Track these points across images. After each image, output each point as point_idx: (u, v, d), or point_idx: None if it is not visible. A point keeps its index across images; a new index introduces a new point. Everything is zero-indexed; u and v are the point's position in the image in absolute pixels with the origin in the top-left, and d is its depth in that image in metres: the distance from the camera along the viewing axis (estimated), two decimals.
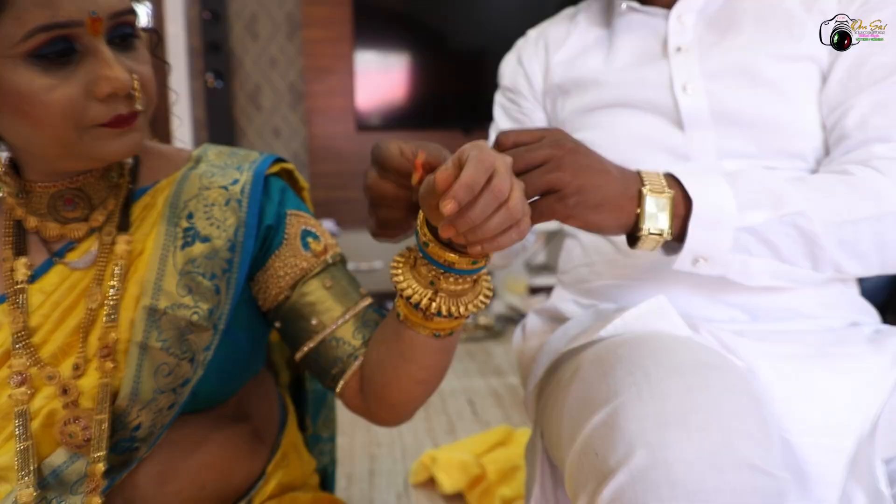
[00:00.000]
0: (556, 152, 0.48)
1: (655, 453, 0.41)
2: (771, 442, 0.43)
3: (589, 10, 0.77)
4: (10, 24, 0.46)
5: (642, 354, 0.47)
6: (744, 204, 0.52)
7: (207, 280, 0.57)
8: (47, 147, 0.51)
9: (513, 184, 0.40)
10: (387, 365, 0.56)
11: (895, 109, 0.58)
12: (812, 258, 0.54)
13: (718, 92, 0.63)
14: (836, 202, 0.53)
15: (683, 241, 0.52)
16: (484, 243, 0.41)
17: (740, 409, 0.43)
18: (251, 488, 0.65)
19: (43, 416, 0.54)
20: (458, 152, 0.40)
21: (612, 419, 0.44)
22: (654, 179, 0.52)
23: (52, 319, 0.55)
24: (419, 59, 3.39)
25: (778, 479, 0.41)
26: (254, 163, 0.63)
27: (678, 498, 0.39)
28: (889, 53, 0.59)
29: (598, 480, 0.44)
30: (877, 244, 0.54)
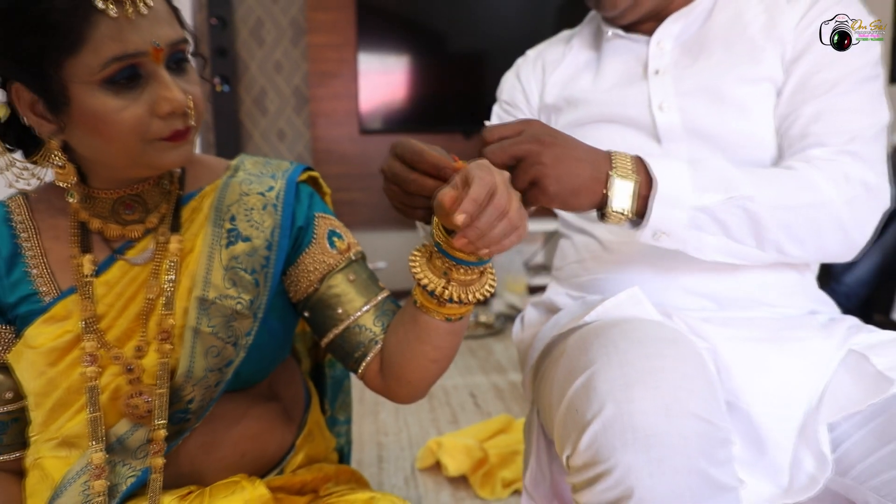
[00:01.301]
0: (534, 147, 0.57)
1: (621, 406, 0.50)
2: (714, 399, 0.52)
3: (582, 35, 0.86)
4: (88, 56, 0.55)
5: (614, 333, 0.57)
6: (699, 187, 0.61)
7: (248, 274, 0.66)
8: (116, 158, 0.60)
9: (511, 197, 0.49)
10: (405, 347, 0.64)
11: (832, 119, 0.66)
12: (757, 237, 0.62)
13: (690, 110, 0.72)
14: (780, 190, 0.62)
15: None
16: (491, 247, 0.50)
17: (688, 373, 0.52)
18: (282, 459, 0.74)
19: (110, 391, 0.62)
20: (462, 172, 0.49)
21: (588, 382, 0.54)
22: (623, 163, 0.60)
23: (116, 308, 0.64)
24: (421, 63, 3.47)
25: (719, 427, 0.50)
26: (286, 172, 0.72)
27: (638, 441, 0.49)
28: (831, 71, 0.68)
29: (578, 431, 0.53)
30: (813, 229, 0.63)
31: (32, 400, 0.64)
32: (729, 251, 0.63)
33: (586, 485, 0.51)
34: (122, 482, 0.63)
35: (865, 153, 0.65)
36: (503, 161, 0.56)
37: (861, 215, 0.64)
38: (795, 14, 0.72)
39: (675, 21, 0.76)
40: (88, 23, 0.53)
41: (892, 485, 0.57)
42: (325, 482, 0.74)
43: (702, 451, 0.49)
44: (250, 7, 3.39)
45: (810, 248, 0.64)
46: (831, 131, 0.66)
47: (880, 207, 0.66)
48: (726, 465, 0.51)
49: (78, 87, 0.55)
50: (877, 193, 0.65)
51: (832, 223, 0.63)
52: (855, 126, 0.66)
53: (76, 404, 0.63)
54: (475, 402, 1.88)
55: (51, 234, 0.66)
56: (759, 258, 0.65)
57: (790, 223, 0.62)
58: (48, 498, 0.63)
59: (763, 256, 0.64)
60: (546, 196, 0.57)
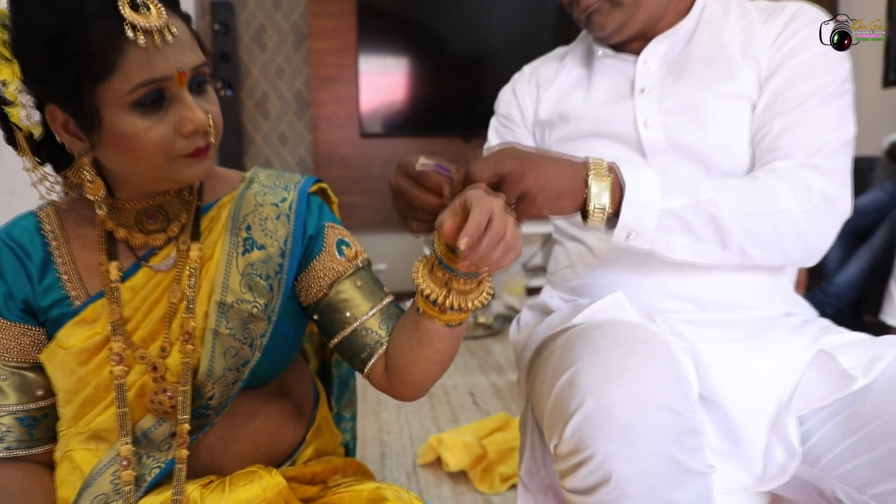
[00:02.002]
0: (517, 164, 0.62)
1: (600, 400, 0.56)
2: (683, 393, 0.57)
3: (574, 53, 0.91)
4: (119, 81, 0.60)
5: (595, 335, 0.62)
6: (667, 191, 0.66)
7: (263, 280, 0.71)
8: (143, 173, 0.64)
9: (507, 221, 0.54)
10: (407, 349, 0.69)
11: (798, 133, 0.71)
12: (721, 240, 0.67)
13: (673, 126, 0.77)
14: (742, 197, 0.67)
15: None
16: (490, 267, 0.55)
17: (659, 369, 0.57)
18: (294, 452, 0.79)
19: (136, 388, 0.67)
20: (461, 199, 0.54)
21: (572, 378, 0.59)
22: (598, 166, 0.65)
23: (142, 311, 0.69)
24: (420, 68, 3.52)
25: (687, 418, 0.56)
26: (297, 184, 0.77)
27: (615, 430, 0.54)
28: (801, 88, 0.73)
29: (563, 422, 0.58)
30: (774, 235, 0.68)
31: (63, 397, 0.69)
32: (696, 252, 0.68)
33: (571, 471, 0.57)
34: (148, 473, 0.68)
35: (827, 166, 0.70)
36: (488, 177, 0.61)
37: (820, 224, 0.69)
38: (770, 34, 0.77)
39: (661, 42, 0.82)
40: (120, 51, 0.58)
41: (854, 473, 0.62)
42: (333, 474, 0.79)
43: (671, 439, 0.54)
44: (252, 13, 3.44)
45: (772, 253, 0.69)
46: (797, 145, 0.71)
47: (839, 217, 0.71)
48: (696, 452, 0.56)
49: (109, 109, 0.60)
50: (836, 204, 0.70)
51: (792, 231, 0.68)
52: (820, 140, 0.71)
53: (105, 400, 0.68)
54: (474, 401, 1.93)
55: (79, 242, 0.71)
56: (725, 259, 0.69)
57: (751, 228, 0.67)
58: (78, 488, 0.68)
59: (728, 258, 0.69)
60: (535, 205, 0.62)
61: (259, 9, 3.45)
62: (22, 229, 0.71)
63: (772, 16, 0.79)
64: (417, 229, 0.63)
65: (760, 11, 0.81)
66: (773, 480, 0.66)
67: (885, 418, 0.61)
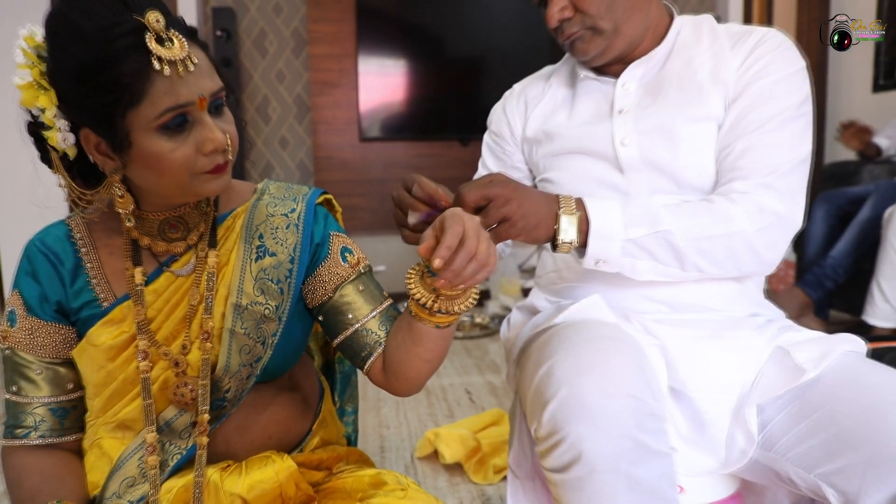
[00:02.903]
0: (504, 191, 0.70)
1: (573, 389, 0.63)
2: (645, 383, 0.64)
3: (560, 73, 0.98)
4: (147, 108, 0.66)
5: (572, 332, 0.70)
6: (628, 222, 0.73)
7: (274, 284, 0.78)
8: (168, 189, 0.71)
9: (479, 239, 0.61)
10: (402, 349, 0.76)
11: (756, 154, 0.78)
12: (679, 262, 0.75)
13: (647, 145, 0.84)
14: (698, 223, 0.74)
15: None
16: (465, 283, 0.62)
17: (624, 362, 0.64)
18: (302, 441, 0.86)
19: (160, 382, 0.74)
20: (440, 219, 0.61)
21: (549, 370, 0.66)
22: (568, 203, 0.73)
23: (164, 312, 0.76)
24: (419, 73, 3.59)
25: (648, 404, 0.63)
26: (305, 196, 0.84)
27: (586, 415, 0.61)
28: (762, 112, 0.80)
29: (541, 408, 0.65)
30: (728, 254, 0.75)
31: (92, 390, 0.76)
32: (658, 272, 0.76)
33: (548, 451, 0.64)
34: (170, 458, 0.75)
35: (781, 185, 0.77)
36: (476, 199, 0.69)
37: (772, 240, 0.77)
38: (737, 60, 0.84)
39: (638, 66, 0.89)
40: (148, 81, 0.65)
41: (803, 455, 0.69)
42: (337, 461, 0.86)
43: (634, 422, 0.61)
44: (253, 19, 3.51)
45: (727, 269, 0.77)
46: (755, 165, 0.78)
47: (790, 232, 0.78)
48: (657, 434, 0.63)
49: (138, 133, 0.67)
50: (787, 220, 0.77)
51: (745, 249, 0.76)
52: (776, 161, 0.78)
53: (131, 393, 0.75)
54: (470, 398, 2.00)
55: (106, 249, 0.78)
56: (685, 277, 0.78)
57: (706, 250, 0.75)
58: (107, 472, 0.75)
59: (688, 276, 0.77)
60: (515, 229, 0.70)
61: (260, 15, 3.52)
62: (54, 237, 0.78)
63: (739, 41, 0.86)
64: (409, 239, 0.70)
65: (730, 37, 0.87)
66: (734, 464, 0.74)
67: (829, 407, 0.68)
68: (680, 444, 0.75)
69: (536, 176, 0.97)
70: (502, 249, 0.96)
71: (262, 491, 0.73)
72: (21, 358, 0.76)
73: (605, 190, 0.86)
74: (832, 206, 2.46)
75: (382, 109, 3.59)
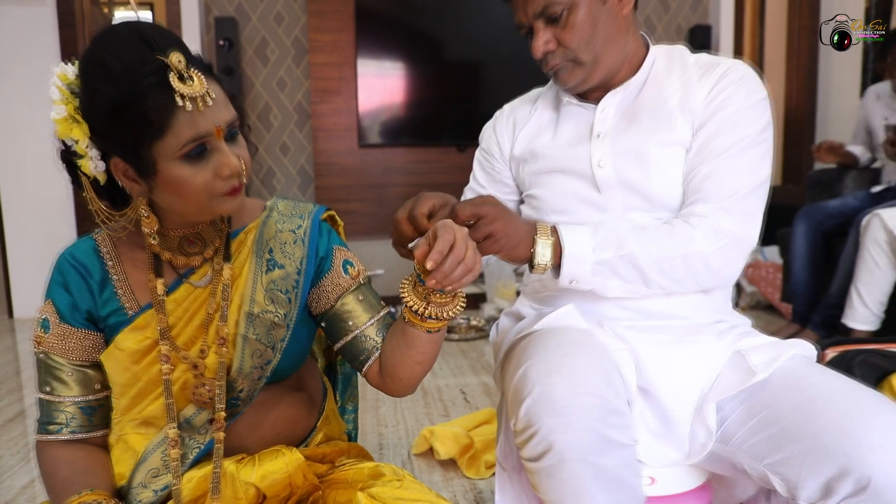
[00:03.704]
0: (492, 211, 0.79)
1: (544, 388, 0.71)
2: (608, 382, 0.73)
3: (546, 97, 1.07)
4: (171, 139, 0.74)
5: (545, 338, 0.78)
6: (597, 246, 0.82)
7: (283, 294, 0.86)
8: (189, 210, 0.79)
9: (467, 247, 0.70)
10: (396, 352, 0.84)
11: (718, 178, 0.86)
12: (643, 281, 0.84)
13: (622, 167, 0.92)
14: (660, 245, 0.83)
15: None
16: (453, 284, 0.71)
17: (591, 365, 0.73)
18: (307, 436, 0.94)
19: (180, 383, 0.83)
20: (433, 229, 0.70)
21: (525, 372, 0.75)
22: (544, 230, 0.82)
23: (184, 320, 0.84)
24: (417, 82, 3.68)
25: (611, 402, 0.71)
26: (311, 213, 0.92)
27: (555, 410, 0.70)
28: (725, 139, 0.87)
29: (518, 405, 0.74)
30: (688, 273, 0.84)
31: (118, 390, 0.84)
32: (626, 290, 0.85)
33: (524, 443, 0.72)
34: (190, 452, 0.83)
35: (738, 208, 0.85)
36: (467, 216, 0.78)
37: (728, 259, 0.85)
38: (704, 90, 0.92)
39: (616, 94, 0.97)
40: (172, 115, 0.73)
41: (754, 448, 0.78)
42: (339, 455, 0.94)
43: (597, 417, 0.70)
44: (255, 28, 3.59)
45: (688, 285, 0.86)
46: (716, 189, 0.86)
47: (746, 251, 0.86)
48: (619, 429, 0.72)
49: (163, 161, 0.75)
50: (742, 240, 0.85)
51: (703, 267, 0.84)
52: (735, 185, 0.86)
53: (154, 393, 0.83)
54: (465, 398, 2.09)
55: (131, 263, 0.86)
56: (650, 293, 0.86)
57: (667, 270, 0.83)
58: (132, 465, 0.83)
59: (652, 292, 0.86)
60: (497, 245, 0.79)
61: (262, 24, 3.60)
62: (83, 251, 0.86)
63: (707, 72, 0.94)
64: (403, 254, 0.79)
65: (699, 67, 0.96)
66: (696, 456, 0.82)
67: (776, 405, 0.77)
68: (648, 438, 0.84)
69: (523, 192, 1.06)
70: (487, 259, 1.04)
71: (273, 480, 0.81)
72: (53, 361, 0.83)
73: (583, 206, 0.94)
74: (812, 221, 2.55)
75: (381, 116, 3.67)
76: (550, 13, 0.91)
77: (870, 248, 2.09)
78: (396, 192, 3.77)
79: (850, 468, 0.67)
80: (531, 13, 0.93)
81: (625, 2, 0.94)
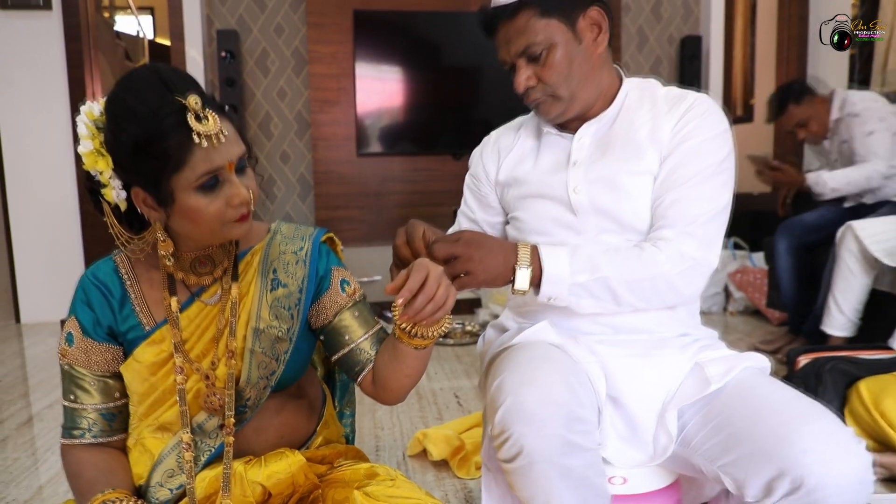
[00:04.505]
0: (467, 250, 0.87)
1: (516, 398, 0.80)
2: (573, 394, 0.81)
3: (528, 126, 1.15)
4: (187, 172, 0.82)
5: (519, 352, 0.87)
6: (574, 270, 0.90)
7: (286, 311, 0.95)
8: (202, 234, 0.87)
9: (439, 285, 0.78)
10: (388, 365, 0.93)
11: (682, 205, 0.94)
12: (615, 300, 0.92)
13: (595, 194, 1.00)
14: (630, 268, 0.91)
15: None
16: (424, 321, 0.79)
17: (557, 378, 0.81)
18: (308, 440, 1.03)
19: (193, 392, 0.91)
20: (408, 268, 0.78)
21: (500, 384, 0.84)
22: (524, 255, 0.90)
23: (196, 335, 0.93)
24: (414, 92, 3.76)
25: (574, 411, 0.80)
26: (311, 236, 1.00)
27: (525, 418, 0.78)
28: (689, 168, 0.95)
29: (494, 413, 0.83)
30: (654, 293, 0.92)
31: (136, 398, 0.92)
32: (599, 307, 0.93)
33: (500, 446, 0.81)
34: (202, 454, 0.91)
35: (699, 233, 0.93)
36: (445, 255, 0.86)
37: (690, 280, 0.93)
38: (671, 123, 1.00)
39: (591, 125, 1.05)
40: (189, 151, 0.81)
41: (709, 451, 0.87)
42: (338, 457, 1.03)
43: (562, 424, 0.78)
44: (256, 39, 3.68)
45: (654, 303, 0.94)
46: (680, 215, 0.94)
47: (706, 272, 0.95)
48: (583, 434, 0.81)
49: (180, 192, 0.83)
50: (702, 263, 0.93)
51: (668, 287, 0.92)
52: (696, 212, 0.94)
53: (169, 401, 0.91)
54: (458, 402, 2.17)
55: (147, 283, 0.94)
56: (621, 310, 0.95)
57: (636, 290, 0.92)
58: (150, 466, 0.92)
59: (623, 309, 0.94)
60: (476, 281, 0.87)
61: (262, 36, 3.68)
62: (104, 272, 0.95)
63: (674, 106, 1.02)
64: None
65: (667, 101, 1.04)
66: (659, 458, 0.91)
67: (727, 412, 0.86)
68: (617, 441, 0.93)
69: (508, 213, 1.14)
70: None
71: (278, 480, 0.90)
72: (77, 372, 0.92)
73: (561, 229, 1.03)
74: (792, 237, 2.64)
75: (379, 126, 3.76)
76: (531, 52, 1.00)
77: (844, 258, 2.18)
78: (394, 199, 3.86)
79: (787, 470, 0.76)
80: (513, 52, 1.01)
81: (599, 42, 1.02)
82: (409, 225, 0.93)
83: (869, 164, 2.38)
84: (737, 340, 2.90)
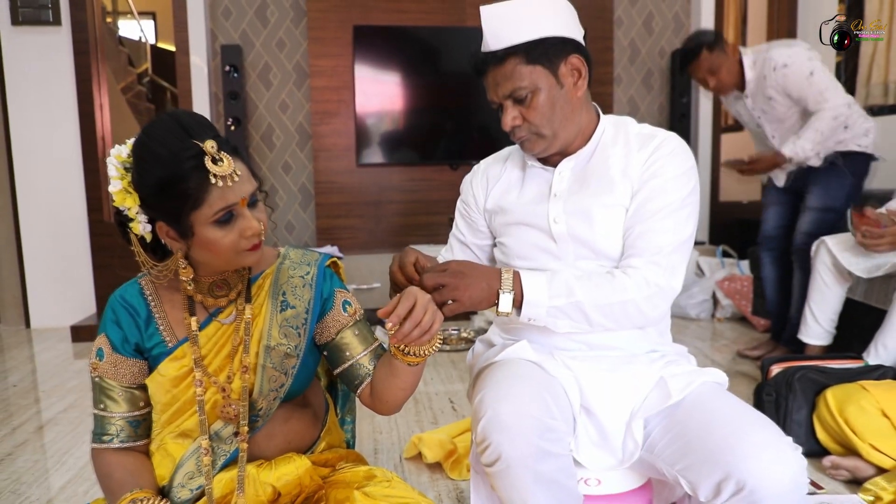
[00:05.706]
0: (453, 280, 0.97)
1: (495, 411, 0.90)
2: (546, 407, 0.92)
3: (514, 158, 1.25)
4: (205, 209, 0.92)
5: (499, 369, 0.98)
6: (552, 294, 1.00)
7: (294, 330, 1.05)
8: (218, 262, 0.98)
9: (426, 311, 0.88)
10: (384, 380, 1.03)
11: (649, 237, 1.04)
12: (587, 322, 1.02)
13: (572, 224, 1.11)
14: (601, 293, 1.01)
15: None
16: (411, 345, 0.90)
17: (531, 393, 0.92)
18: (313, 445, 1.14)
19: (211, 403, 1.02)
20: (398, 295, 0.89)
21: (481, 399, 0.94)
22: (507, 280, 1.00)
23: (213, 351, 1.03)
24: (413, 105, 3.87)
25: (546, 423, 0.90)
26: (317, 261, 1.11)
27: (503, 429, 0.89)
28: (656, 202, 1.05)
29: (476, 423, 0.93)
30: (623, 315, 1.02)
31: (160, 408, 1.03)
32: (574, 328, 1.03)
33: (482, 452, 0.92)
34: (219, 458, 1.02)
35: (664, 262, 1.04)
36: (432, 284, 0.97)
37: (655, 305, 1.03)
38: (641, 159, 1.11)
39: (571, 160, 1.16)
40: (206, 191, 0.91)
41: (669, 456, 0.97)
42: (339, 460, 1.14)
43: (536, 434, 0.89)
44: (259, 54, 3.78)
45: (623, 325, 1.04)
46: (647, 246, 1.05)
47: (670, 298, 1.05)
48: (555, 442, 0.91)
49: (199, 226, 0.93)
50: (666, 290, 1.04)
51: (635, 311, 1.03)
52: (661, 243, 1.04)
53: (189, 411, 1.02)
54: (453, 406, 2.28)
55: (169, 304, 1.05)
56: (594, 331, 1.05)
57: (607, 313, 1.02)
58: (171, 469, 1.02)
59: (596, 329, 1.04)
60: (462, 307, 0.98)
61: (265, 50, 3.79)
62: (131, 294, 1.05)
63: (645, 144, 1.13)
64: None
65: (639, 138, 1.14)
66: (627, 462, 1.02)
67: (685, 422, 0.97)
68: (590, 447, 1.04)
69: (495, 238, 1.25)
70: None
71: (286, 481, 1.00)
72: (107, 384, 1.02)
73: (542, 254, 1.14)
74: (774, 248, 2.73)
75: (378, 137, 3.86)
76: (517, 95, 1.10)
77: (819, 271, 2.29)
78: (392, 208, 3.96)
79: (732, 474, 0.87)
80: (501, 94, 1.12)
81: (579, 86, 1.13)
82: (403, 253, 1.03)
83: (828, 104, 2.34)
84: (722, 347, 3.01)
